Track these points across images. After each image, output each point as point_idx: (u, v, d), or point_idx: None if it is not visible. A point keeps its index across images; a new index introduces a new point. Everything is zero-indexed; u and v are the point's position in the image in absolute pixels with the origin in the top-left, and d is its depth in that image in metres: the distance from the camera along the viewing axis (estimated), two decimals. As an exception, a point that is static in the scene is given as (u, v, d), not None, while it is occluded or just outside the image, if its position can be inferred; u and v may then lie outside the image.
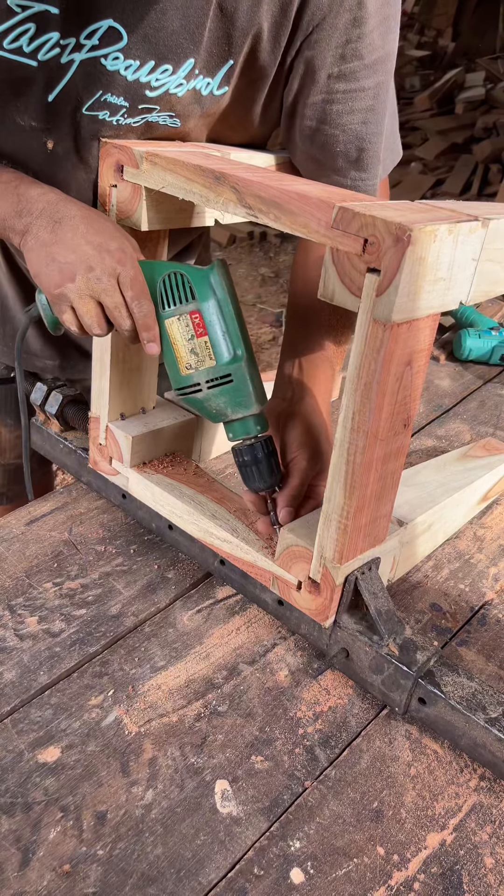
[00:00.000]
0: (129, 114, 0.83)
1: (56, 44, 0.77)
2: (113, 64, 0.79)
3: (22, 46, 0.77)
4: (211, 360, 0.80)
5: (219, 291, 0.80)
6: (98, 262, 0.78)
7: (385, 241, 0.62)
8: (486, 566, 1.01)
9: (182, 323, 0.80)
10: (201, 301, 0.80)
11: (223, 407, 0.82)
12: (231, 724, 0.78)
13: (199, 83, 0.83)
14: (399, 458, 0.77)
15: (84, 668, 0.82)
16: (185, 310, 0.80)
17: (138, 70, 0.80)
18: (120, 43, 0.78)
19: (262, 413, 0.84)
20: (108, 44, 0.78)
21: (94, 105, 0.82)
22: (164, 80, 0.81)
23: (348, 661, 0.82)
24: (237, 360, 0.80)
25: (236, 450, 0.84)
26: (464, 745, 0.75)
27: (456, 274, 0.68)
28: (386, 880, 0.66)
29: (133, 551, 0.99)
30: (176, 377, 0.83)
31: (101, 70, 0.79)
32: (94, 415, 1.00)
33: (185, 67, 0.81)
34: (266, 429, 0.84)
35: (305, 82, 0.86)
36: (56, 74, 0.79)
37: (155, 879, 0.64)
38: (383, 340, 0.66)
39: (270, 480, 0.84)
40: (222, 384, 0.81)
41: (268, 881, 0.65)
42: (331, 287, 0.68)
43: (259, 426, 0.83)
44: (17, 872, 0.64)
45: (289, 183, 0.73)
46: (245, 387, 0.81)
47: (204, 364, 0.81)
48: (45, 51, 0.77)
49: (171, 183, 0.79)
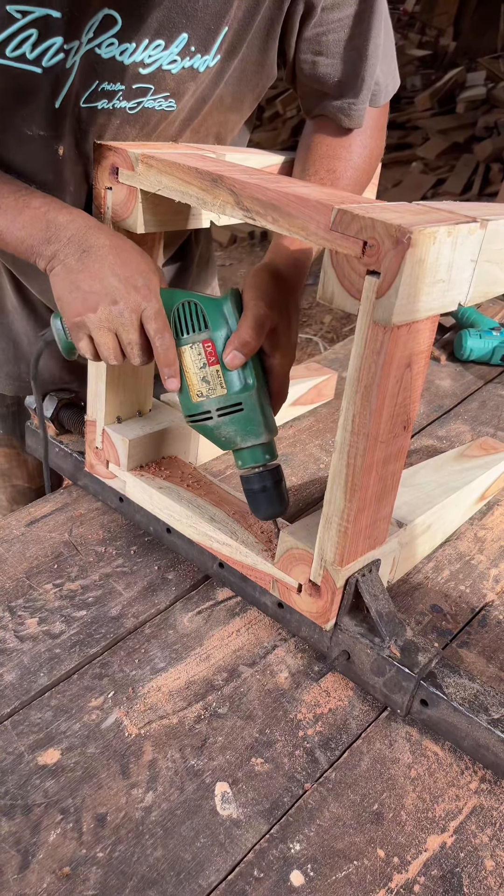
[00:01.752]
0: (125, 96, 0.83)
1: (60, 48, 0.76)
2: (108, 51, 0.78)
3: (25, 53, 0.76)
4: (222, 389, 0.81)
5: (231, 321, 0.80)
6: (123, 297, 0.78)
7: (385, 243, 0.62)
8: (487, 567, 1.01)
9: (195, 351, 0.81)
10: (214, 330, 0.80)
11: (233, 435, 0.82)
12: (231, 726, 0.77)
13: (196, 62, 0.83)
14: (399, 460, 0.77)
15: (84, 669, 0.82)
16: (199, 339, 0.81)
17: (133, 53, 0.79)
18: (114, 28, 0.77)
19: (271, 442, 0.84)
20: (102, 31, 0.77)
21: (91, 96, 0.82)
22: (156, 55, 0.80)
23: (349, 663, 0.82)
24: (248, 389, 0.81)
25: (245, 477, 0.85)
26: (466, 746, 0.75)
27: (455, 275, 0.68)
28: (386, 883, 0.66)
29: (133, 552, 0.98)
30: (187, 404, 0.84)
31: (96, 59, 0.79)
32: (90, 418, 1.00)
33: (179, 42, 0.80)
34: (275, 458, 0.85)
35: (304, 21, 0.88)
36: (61, 79, 0.79)
37: (155, 882, 0.64)
38: (383, 343, 0.66)
39: (279, 508, 0.85)
40: (233, 412, 0.81)
41: (268, 884, 0.65)
42: (330, 290, 0.68)
43: (268, 455, 0.84)
44: (16, 875, 0.64)
45: (287, 185, 0.73)
46: (255, 416, 0.82)
47: (215, 392, 0.81)
48: (49, 56, 0.76)
49: (167, 185, 0.79)
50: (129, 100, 0.83)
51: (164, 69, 0.82)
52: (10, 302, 1.09)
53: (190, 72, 0.83)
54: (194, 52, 0.82)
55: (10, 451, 1.26)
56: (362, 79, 0.92)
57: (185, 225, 0.91)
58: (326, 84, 0.93)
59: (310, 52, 0.91)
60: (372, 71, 0.93)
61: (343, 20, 0.89)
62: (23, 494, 1.31)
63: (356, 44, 0.90)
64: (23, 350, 1.14)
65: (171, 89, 0.84)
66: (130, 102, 0.84)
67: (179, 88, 0.85)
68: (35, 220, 0.81)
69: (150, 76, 0.82)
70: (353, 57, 0.91)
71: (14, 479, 1.30)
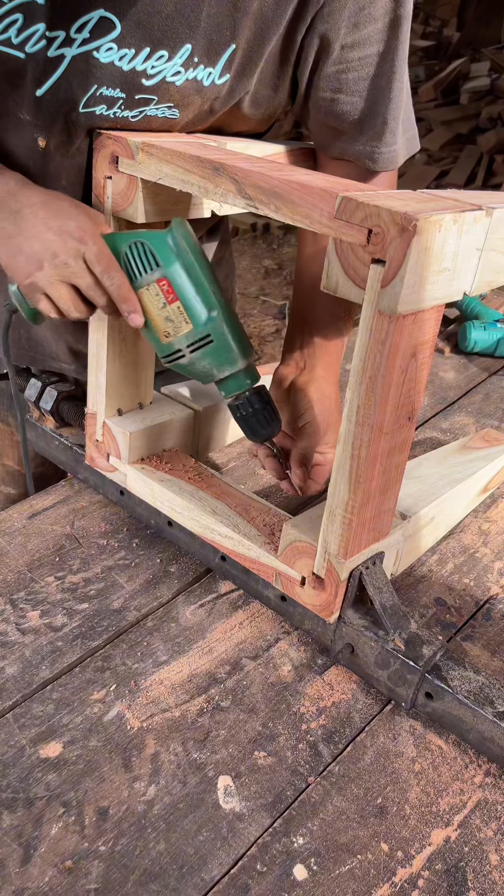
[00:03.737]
0: (127, 105, 0.82)
1: (42, 35, 0.76)
2: (106, 55, 0.78)
3: (11, 38, 0.76)
4: (187, 325, 0.80)
5: (182, 253, 0.79)
6: (61, 246, 0.78)
7: (390, 231, 0.61)
8: (492, 560, 1.00)
9: (152, 292, 0.80)
10: (166, 267, 0.79)
11: (209, 368, 0.82)
12: (234, 719, 0.77)
13: (199, 73, 0.81)
14: (403, 452, 0.76)
15: (86, 662, 0.82)
16: (152, 278, 0.80)
17: (133, 59, 0.78)
18: (113, 32, 0.76)
19: (249, 366, 0.83)
20: (100, 35, 0.76)
21: (90, 101, 0.81)
22: (160, 66, 0.79)
23: (353, 656, 0.81)
24: (212, 320, 0.80)
25: (233, 406, 0.85)
26: (471, 739, 0.75)
27: (460, 264, 0.67)
28: (390, 877, 0.65)
29: (135, 545, 0.98)
30: (158, 346, 0.83)
31: (95, 63, 0.78)
32: (90, 411, 0.99)
33: (182, 54, 0.79)
34: (257, 379, 0.84)
35: (320, 56, 0.85)
36: (45, 68, 0.78)
37: (157, 876, 0.64)
38: (388, 333, 0.65)
39: (272, 427, 0.85)
40: (203, 345, 0.81)
41: (271, 877, 0.65)
42: (334, 279, 0.67)
43: (249, 379, 0.83)
44: (18, 868, 0.63)
45: (289, 173, 0.72)
46: (227, 344, 0.81)
47: (181, 330, 0.80)
48: (33, 43, 0.76)
49: (168, 174, 0.78)
50: (132, 109, 0.83)
51: (169, 81, 0.81)
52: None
53: (195, 84, 0.82)
54: (198, 62, 0.80)
55: (4, 427, 1.25)
56: (384, 120, 0.89)
57: (187, 214, 0.90)
58: (345, 122, 0.90)
59: (329, 90, 0.88)
60: (396, 113, 0.89)
61: (366, 59, 0.85)
62: (12, 477, 1.30)
63: (379, 83, 0.87)
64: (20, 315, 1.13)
65: (175, 101, 0.83)
66: (133, 111, 0.83)
67: (184, 101, 0.83)
68: None
69: (154, 88, 0.81)
70: (376, 96, 0.88)
71: (4, 459, 1.28)
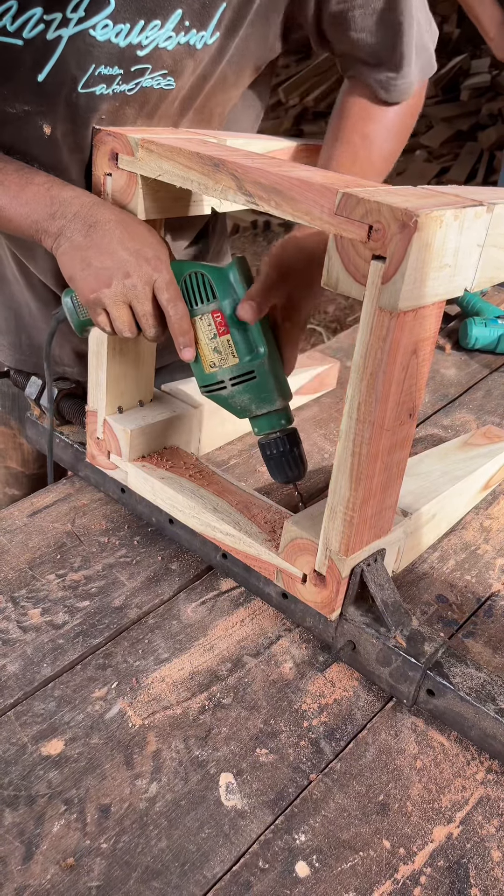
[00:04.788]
0: (124, 79, 0.82)
1: (40, 19, 0.76)
2: (103, 33, 0.78)
3: (6, 26, 0.76)
4: (234, 358, 0.81)
5: (239, 289, 0.80)
6: (135, 269, 0.78)
7: (391, 227, 0.61)
8: (493, 557, 1.00)
9: (204, 322, 0.81)
10: (222, 300, 0.80)
11: (248, 403, 0.83)
12: (235, 716, 0.77)
13: (192, 38, 0.81)
14: (405, 449, 0.76)
15: (87, 660, 0.82)
16: (207, 309, 0.81)
17: (129, 34, 0.79)
18: (107, 9, 0.76)
19: (286, 407, 0.85)
20: (94, 12, 0.76)
21: (89, 81, 0.81)
22: (153, 35, 0.80)
23: (355, 653, 0.81)
24: (259, 357, 0.81)
25: (262, 444, 0.86)
26: (473, 736, 0.75)
27: (461, 260, 0.67)
28: (392, 874, 0.65)
29: (136, 542, 0.98)
30: (201, 374, 0.84)
31: (91, 42, 0.78)
32: (91, 408, 0.99)
33: (174, 19, 0.79)
34: (291, 422, 0.86)
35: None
36: (43, 52, 0.78)
37: (159, 873, 0.64)
38: (389, 329, 0.65)
39: (297, 472, 0.86)
40: (246, 381, 0.82)
41: (273, 874, 0.65)
42: (335, 275, 0.67)
43: (284, 420, 0.85)
44: (20, 866, 0.63)
45: (289, 169, 0.72)
46: (268, 383, 0.82)
47: (227, 362, 0.82)
48: (30, 28, 0.76)
49: (168, 170, 0.78)
50: (128, 82, 0.83)
51: (161, 47, 0.81)
52: (11, 272, 1.08)
53: (187, 48, 0.82)
54: (189, 27, 0.81)
55: (6, 430, 1.25)
56: (401, 53, 0.89)
57: (187, 211, 0.90)
58: (362, 51, 0.91)
59: (338, 29, 0.89)
60: (410, 43, 0.90)
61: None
62: (16, 479, 1.30)
63: (388, 17, 0.87)
64: (24, 321, 1.13)
65: (168, 67, 0.83)
66: (129, 84, 0.83)
67: (177, 66, 0.83)
68: (38, 197, 0.81)
69: (147, 56, 0.81)
70: (387, 30, 0.88)
71: (8, 461, 1.29)
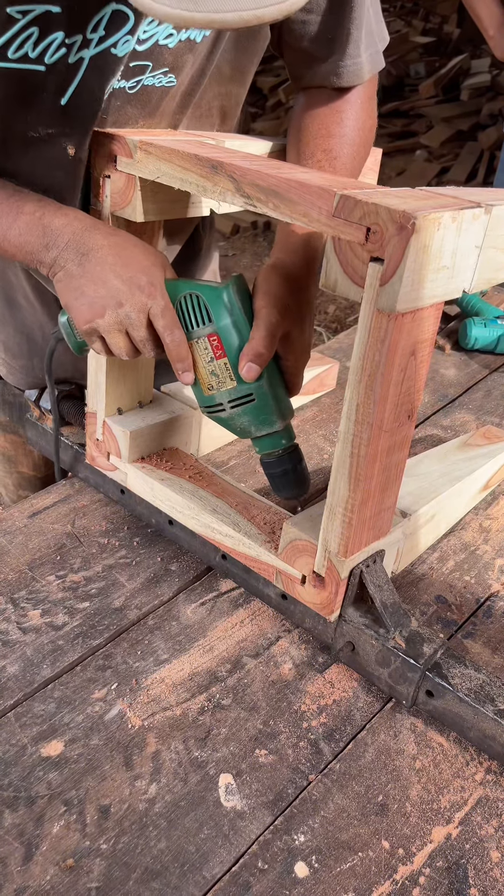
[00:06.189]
0: (124, 75, 0.81)
1: (62, 43, 0.75)
2: (123, 49, 0.77)
3: (27, 53, 0.75)
4: (232, 382, 0.81)
5: (234, 311, 0.79)
6: (128, 298, 0.78)
7: (388, 229, 0.61)
8: (493, 557, 1.00)
9: (201, 345, 0.81)
10: (217, 323, 0.80)
11: (247, 425, 0.83)
12: (235, 717, 0.77)
13: (193, 32, 0.81)
14: (403, 450, 0.76)
15: (87, 661, 0.82)
16: (203, 332, 0.80)
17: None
18: (127, 25, 0.75)
19: (286, 427, 0.85)
20: (115, 30, 0.75)
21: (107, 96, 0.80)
22: (151, 30, 0.79)
23: (354, 654, 0.81)
24: (258, 380, 0.80)
25: (265, 462, 0.86)
26: (472, 737, 0.75)
27: (459, 262, 0.67)
28: (391, 874, 0.65)
29: (136, 543, 0.98)
30: (200, 396, 0.84)
31: (112, 59, 0.77)
32: (90, 410, 0.99)
33: None
34: (292, 440, 0.85)
35: None
36: (66, 76, 0.77)
37: (159, 874, 0.64)
38: (387, 331, 0.65)
39: (299, 489, 0.87)
40: (244, 403, 0.81)
41: (272, 875, 0.65)
42: (333, 277, 0.67)
43: (285, 440, 0.85)
44: (20, 867, 0.64)
45: (288, 171, 0.72)
46: (267, 405, 0.82)
47: (225, 385, 0.81)
48: (52, 53, 0.75)
49: (167, 172, 0.78)
50: (129, 79, 0.82)
51: (161, 44, 0.80)
52: (23, 295, 1.08)
53: (187, 43, 0.81)
54: None
55: (16, 438, 1.26)
56: (348, 31, 0.90)
57: (185, 213, 0.90)
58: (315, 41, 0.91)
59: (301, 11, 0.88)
60: (359, 26, 0.90)
61: None
62: (28, 482, 1.31)
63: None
64: (37, 344, 1.13)
65: (169, 64, 0.82)
66: (130, 81, 0.82)
67: (178, 62, 0.83)
68: (31, 227, 0.81)
69: (147, 53, 0.80)
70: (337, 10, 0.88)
71: (20, 466, 1.29)
